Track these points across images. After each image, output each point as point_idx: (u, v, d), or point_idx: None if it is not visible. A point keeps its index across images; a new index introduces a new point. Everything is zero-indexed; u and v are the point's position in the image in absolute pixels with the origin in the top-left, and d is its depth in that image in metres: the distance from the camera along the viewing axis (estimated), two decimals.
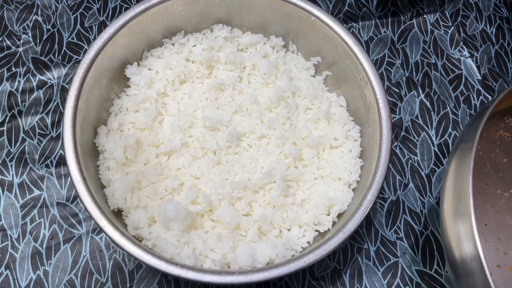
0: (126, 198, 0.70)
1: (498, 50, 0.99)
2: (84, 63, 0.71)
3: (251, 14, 0.83)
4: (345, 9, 1.01)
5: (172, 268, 0.60)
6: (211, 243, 0.68)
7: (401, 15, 1.02)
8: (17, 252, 0.76)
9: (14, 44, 0.92)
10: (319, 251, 0.62)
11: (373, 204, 0.66)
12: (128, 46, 0.78)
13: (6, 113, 0.86)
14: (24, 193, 0.80)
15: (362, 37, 0.99)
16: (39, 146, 0.84)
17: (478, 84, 0.95)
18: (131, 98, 0.78)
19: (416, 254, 0.80)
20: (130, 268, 0.76)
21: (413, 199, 0.84)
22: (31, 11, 0.96)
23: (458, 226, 0.58)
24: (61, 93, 0.89)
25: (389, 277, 0.78)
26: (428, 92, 0.94)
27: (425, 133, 0.90)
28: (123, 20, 0.74)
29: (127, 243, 0.61)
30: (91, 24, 0.96)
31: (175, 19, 0.81)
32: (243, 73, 0.82)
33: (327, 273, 0.78)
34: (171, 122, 0.76)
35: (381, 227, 0.82)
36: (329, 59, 0.82)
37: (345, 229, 0.64)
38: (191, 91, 0.80)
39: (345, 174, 0.74)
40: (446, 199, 0.63)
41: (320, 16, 0.77)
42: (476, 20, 1.02)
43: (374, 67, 0.74)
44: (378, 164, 0.69)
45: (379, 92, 0.72)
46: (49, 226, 0.78)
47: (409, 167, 0.87)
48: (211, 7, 0.82)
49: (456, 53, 0.99)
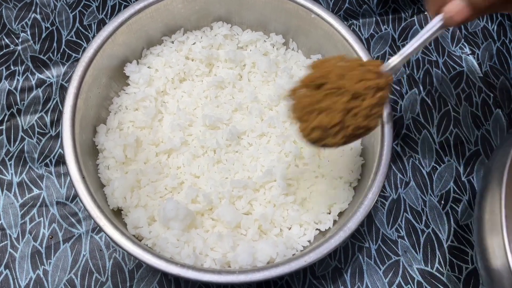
0: (126, 197, 0.70)
1: (499, 47, 0.99)
2: (83, 61, 0.70)
3: (251, 12, 0.83)
4: (345, 6, 1.01)
5: (172, 267, 0.60)
6: (211, 242, 0.68)
7: (402, 12, 1.01)
8: (16, 252, 0.76)
9: (13, 42, 0.92)
10: (320, 250, 0.62)
11: (374, 203, 0.65)
12: (127, 44, 0.78)
13: (5, 112, 0.86)
14: (23, 192, 0.80)
15: (362, 35, 0.98)
16: (38, 145, 0.83)
17: (480, 81, 0.95)
18: (130, 96, 0.78)
19: (418, 253, 0.79)
20: (130, 268, 0.76)
21: (414, 197, 0.84)
22: (30, 9, 0.95)
23: (493, 241, 0.62)
24: (60, 91, 0.88)
25: (390, 275, 0.78)
26: (429, 90, 0.93)
27: (426, 131, 0.89)
28: (122, 18, 0.74)
29: (126, 242, 0.61)
30: (90, 22, 0.95)
31: (174, 17, 0.81)
32: (243, 71, 0.81)
33: (328, 272, 0.77)
34: (170, 121, 0.76)
35: (382, 226, 0.81)
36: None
37: (346, 227, 0.64)
38: (191, 89, 0.80)
39: (346, 173, 0.74)
40: (483, 216, 0.65)
41: (320, 13, 0.77)
42: (478, 17, 1.01)
43: None
44: (379, 162, 0.68)
45: None
46: (48, 225, 0.78)
47: (410, 165, 0.86)
48: (211, 5, 0.81)
49: (457, 50, 0.98)
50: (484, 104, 0.93)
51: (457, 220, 0.83)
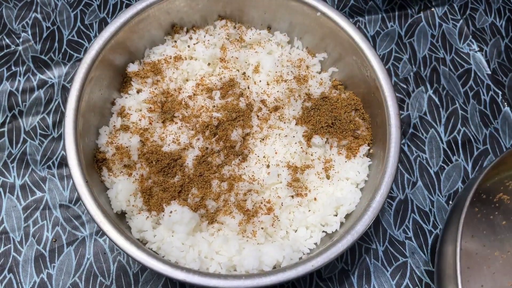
0: (130, 200, 0.69)
1: (508, 43, 0.97)
2: (85, 63, 0.69)
3: (255, 10, 0.81)
4: (350, 3, 0.99)
5: (177, 272, 0.59)
6: (216, 246, 0.67)
7: (409, 8, 0.99)
8: (20, 255, 0.75)
9: (14, 42, 0.91)
10: (327, 254, 0.61)
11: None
12: (129, 44, 0.77)
13: (6, 113, 0.85)
14: (26, 195, 0.79)
15: (368, 32, 0.97)
16: (40, 147, 0.82)
17: (488, 79, 0.93)
18: (133, 97, 0.77)
19: (426, 254, 0.78)
20: (135, 271, 0.75)
21: (421, 197, 0.83)
22: (30, 8, 0.94)
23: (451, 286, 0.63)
24: (62, 92, 0.87)
25: (398, 277, 0.77)
26: (437, 88, 0.92)
27: (434, 130, 0.88)
28: (124, 18, 0.73)
29: (131, 247, 0.60)
30: (91, 21, 0.94)
31: (177, 16, 0.79)
32: (247, 70, 0.80)
33: (335, 274, 0.76)
34: (175, 122, 0.75)
35: (389, 227, 0.80)
36: (335, 56, 0.80)
37: (354, 231, 0.62)
38: (195, 89, 0.78)
39: (352, 174, 0.73)
40: (441, 261, 0.67)
41: (325, 11, 0.75)
42: (485, 13, 0.99)
43: (382, 64, 0.72)
44: (386, 163, 0.67)
45: (387, 90, 0.70)
46: (52, 228, 0.77)
47: (417, 165, 0.85)
48: (214, 4, 0.80)
49: (465, 47, 0.96)
50: (493, 102, 0.91)
51: None
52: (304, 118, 0.76)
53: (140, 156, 0.72)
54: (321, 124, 0.75)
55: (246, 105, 0.76)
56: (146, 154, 0.71)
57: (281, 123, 0.75)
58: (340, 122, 0.76)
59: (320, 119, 0.76)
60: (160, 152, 0.72)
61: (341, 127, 0.76)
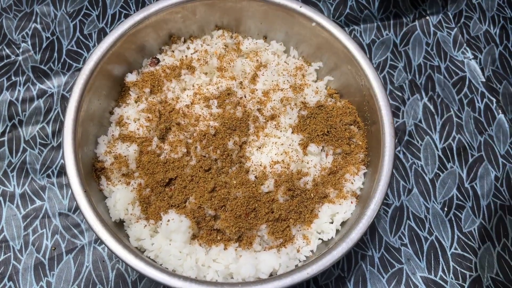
0: (128, 209, 0.70)
1: (502, 51, 0.98)
2: (84, 73, 0.70)
3: (251, 20, 0.82)
4: (346, 12, 1.00)
5: (174, 280, 0.59)
6: (213, 254, 0.67)
7: (403, 17, 1.00)
8: (19, 264, 0.76)
9: (14, 53, 0.92)
10: (322, 262, 0.62)
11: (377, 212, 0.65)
12: (127, 55, 0.78)
13: (6, 123, 0.86)
14: (25, 203, 0.80)
15: (363, 40, 0.98)
16: (40, 156, 0.83)
17: (482, 86, 0.94)
18: (131, 107, 0.78)
19: (421, 260, 0.79)
20: (133, 278, 0.76)
21: (417, 204, 0.83)
22: (30, 19, 0.95)
23: None
24: (61, 101, 0.88)
25: (394, 284, 0.77)
26: (432, 95, 0.93)
27: (429, 137, 0.89)
28: (123, 29, 0.74)
29: (129, 256, 0.61)
30: (90, 31, 0.95)
31: (174, 26, 0.81)
32: (244, 80, 0.81)
33: (331, 281, 0.77)
34: (172, 131, 0.76)
35: (385, 233, 0.81)
36: (331, 65, 0.81)
37: (349, 239, 0.63)
38: (192, 98, 0.79)
39: (348, 182, 0.74)
40: None
41: (320, 21, 0.76)
42: (480, 21, 1.01)
43: (376, 73, 0.73)
44: (381, 171, 0.68)
45: (381, 99, 0.71)
46: (51, 236, 0.78)
47: (412, 172, 0.86)
48: (211, 14, 0.81)
49: (460, 55, 0.97)
50: (487, 109, 0.92)
51: (461, 227, 0.82)
52: (300, 127, 0.77)
53: (138, 165, 0.73)
54: (317, 133, 0.76)
55: (243, 114, 0.77)
56: (144, 163, 0.72)
57: (278, 132, 0.76)
58: (335, 130, 0.77)
59: (316, 128, 0.77)
60: (158, 161, 0.73)
61: (337, 135, 0.77)
